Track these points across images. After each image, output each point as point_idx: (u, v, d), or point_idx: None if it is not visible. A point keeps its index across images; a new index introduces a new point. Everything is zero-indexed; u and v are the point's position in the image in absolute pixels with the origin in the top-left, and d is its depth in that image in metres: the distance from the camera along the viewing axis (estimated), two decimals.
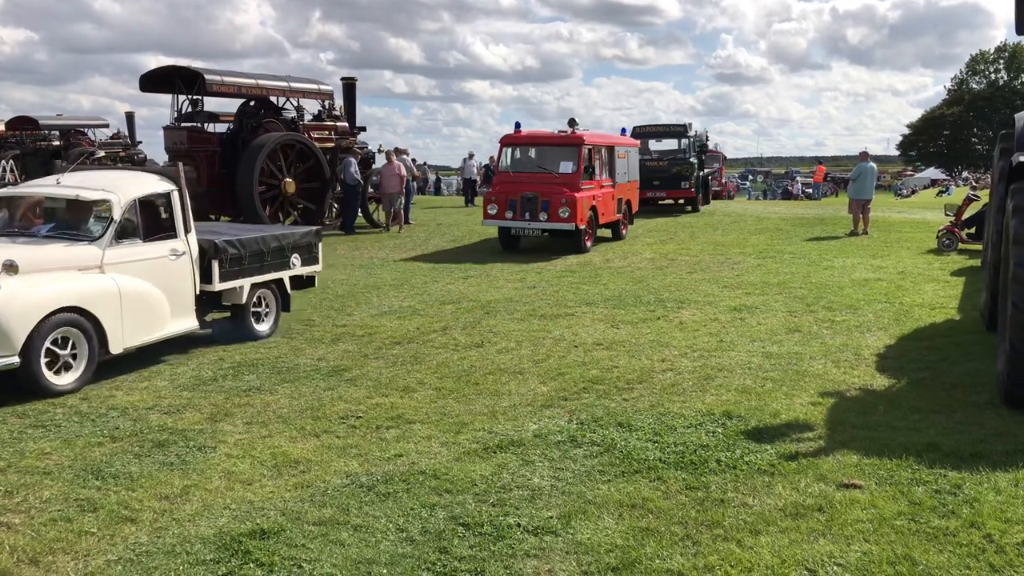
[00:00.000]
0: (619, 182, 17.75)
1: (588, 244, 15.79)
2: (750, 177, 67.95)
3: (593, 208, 15.89)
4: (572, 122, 16.32)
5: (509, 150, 16.57)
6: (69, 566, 3.87)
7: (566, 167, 15.51)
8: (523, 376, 7.09)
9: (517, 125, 16.93)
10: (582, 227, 15.32)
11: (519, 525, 4.22)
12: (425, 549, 4.00)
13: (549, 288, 11.72)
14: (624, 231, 18.23)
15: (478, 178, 29.82)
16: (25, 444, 5.46)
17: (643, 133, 25.11)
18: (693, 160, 24.65)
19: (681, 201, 25.09)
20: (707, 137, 40.32)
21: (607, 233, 17.69)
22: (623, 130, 20.36)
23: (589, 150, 15.91)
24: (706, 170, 28.87)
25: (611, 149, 17.32)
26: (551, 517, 4.32)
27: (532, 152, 16.59)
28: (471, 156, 30.47)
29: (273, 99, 19.43)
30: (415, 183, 24.15)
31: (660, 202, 25.13)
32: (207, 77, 17.70)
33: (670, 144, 25.94)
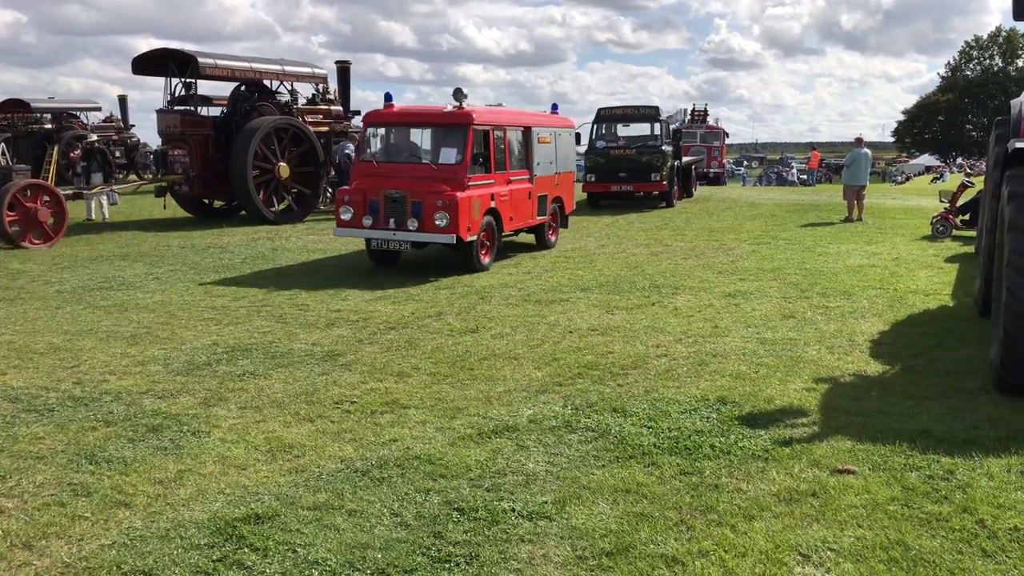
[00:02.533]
0: (541, 174, 13.74)
1: (486, 260, 11.96)
2: (745, 163, 67.90)
3: (493, 212, 12.04)
4: (458, 93, 11.92)
5: (375, 132, 12.54)
6: (63, 551, 3.87)
7: (448, 155, 11.58)
8: (518, 361, 7.09)
9: (387, 97, 12.80)
10: (471, 238, 11.42)
11: (513, 510, 4.23)
12: (420, 534, 4.00)
13: (544, 274, 11.71)
14: (552, 237, 14.53)
15: None
16: (18, 429, 5.44)
17: (608, 116, 22.74)
18: (666, 148, 21.67)
19: (655, 194, 22.01)
20: (707, 111, 39.07)
21: (530, 239, 14.50)
22: (554, 107, 15.88)
23: (484, 132, 12.02)
24: (687, 158, 25.98)
25: (526, 131, 13.32)
26: (545, 502, 4.32)
27: (405, 135, 12.62)
28: None
29: (267, 83, 19.33)
30: None
31: (630, 196, 22.13)
32: (200, 60, 17.59)
33: (642, 129, 22.87)
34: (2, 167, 15.74)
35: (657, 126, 22.08)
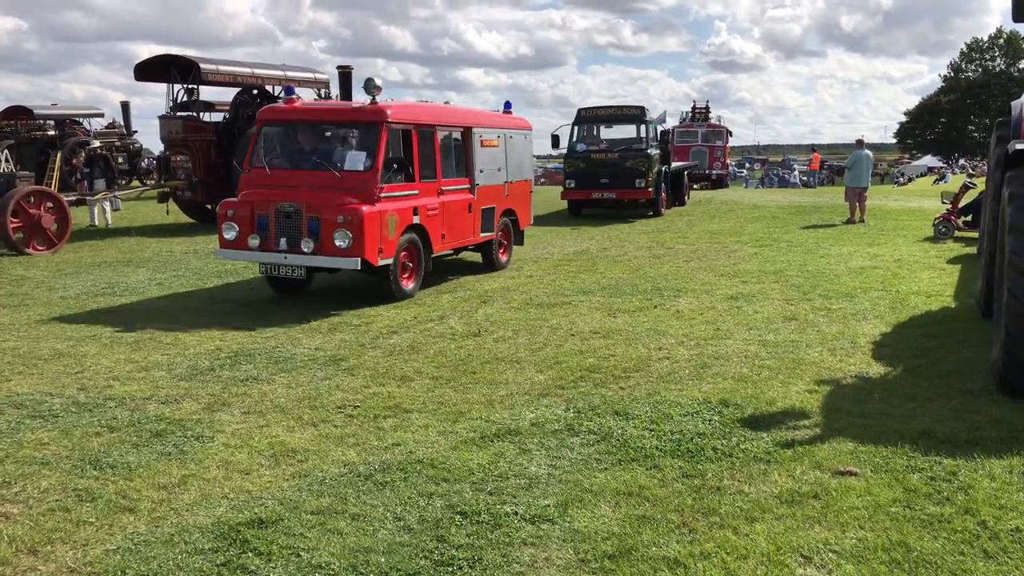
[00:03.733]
0: (486, 183, 11.79)
1: (408, 286, 10.08)
2: (747, 165, 67.89)
3: (417, 229, 10.10)
4: (370, 85, 9.80)
5: (270, 132, 10.31)
6: (68, 556, 3.88)
7: (355, 160, 9.58)
8: (520, 365, 7.10)
9: (288, 91, 11.03)
10: (385, 261, 9.49)
11: (516, 513, 4.24)
12: (423, 538, 4.01)
13: (546, 277, 11.72)
14: (503, 257, 12.66)
15: None
16: (23, 434, 5.46)
17: (589, 117, 21.13)
18: (652, 152, 20.10)
19: (642, 202, 20.50)
20: (709, 108, 36.54)
21: (476, 257, 12.69)
22: (507, 105, 13.55)
23: (403, 133, 10.04)
24: (678, 163, 24.80)
25: (466, 133, 11.35)
26: (548, 505, 4.33)
27: (307, 136, 10.33)
28: None
29: (269, 88, 19.38)
30: None
31: (615, 204, 20.70)
32: (202, 66, 17.64)
33: (627, 132, 20.95)
34: (5, 174, 15.79)
35: (642, 128, 20.44)
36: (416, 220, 10.06)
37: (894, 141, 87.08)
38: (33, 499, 4.49)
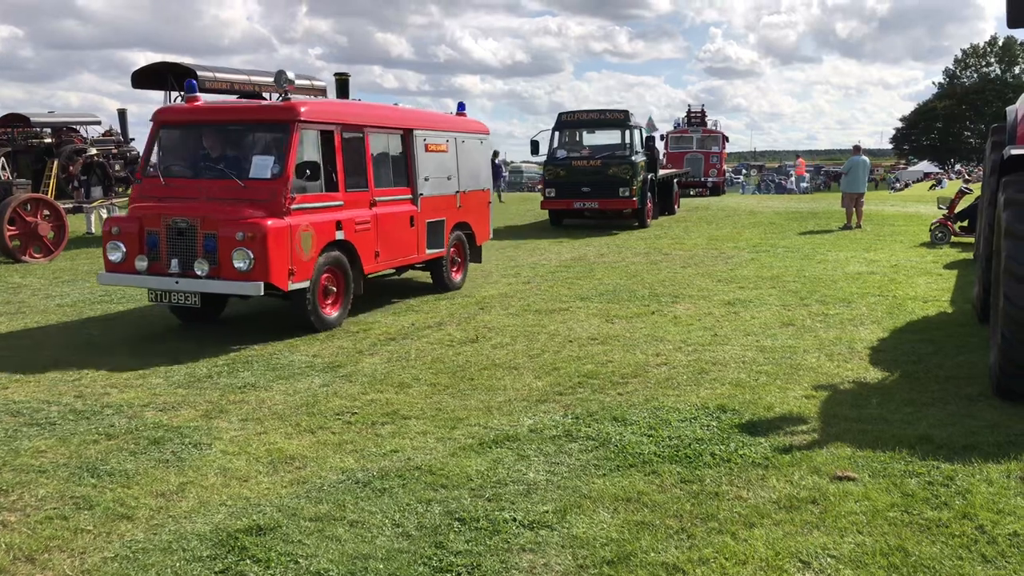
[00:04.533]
0: (433, 193, 10.55)
1: (332, 313, 8.80)
2: (744, 172, 67.98)
3: (343, 246, 8.82)
4: (281, 78, 8.79)
5: (168, 136, 9.01)
6: (65, 564, 3.88)
7: (261, 167, 8.21)
8: (518, 371, 7.10)
9: (188, 87, 9.41)
10: (298, 285, 8.16)
11: (515, 519, 4.24)
12: (421, 544, 4.01)
13: (543, 283, 11.73)
14: (457, 276, 11.41)
15: None
16: (20, 442, 5.45)
17: (570, 122, 20.11)
18: (637, 159, 19.04)
19: (627, 212, 19.29)
20: (704, 112, 35.48)
21: (422, 276, 11.69)
22: (460, 106, 12.37)
23: (323, 134, 8.68)
24: (667, 171, 23.95)
25: (407, 135, 10.12)
26: (546, 511, 4.33)
27: (210, 139, 8.84)
28: None
29: (266, 95, 19.38)
30: None
31: (599, 214, 19.63)
32: (200, 73, 17.63)
33: (611, 137, 19.90)
34: (2, 181, 15.79)
35: (627, 133, 19.37)
36: (340, 236, 8.73)
37: (890, 147, 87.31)
38: (31, 507, 4.48)
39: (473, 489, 4.64)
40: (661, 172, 22.24)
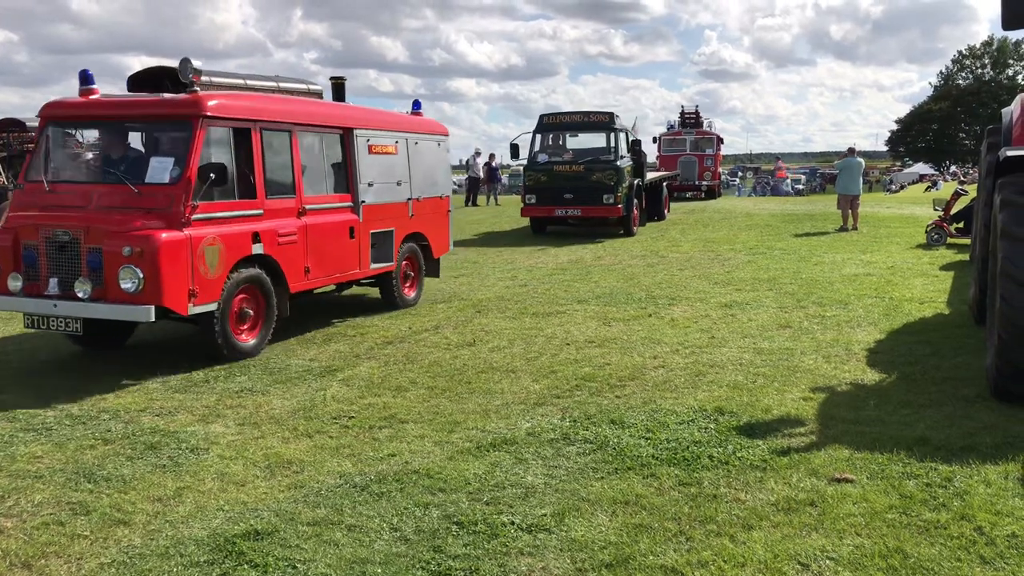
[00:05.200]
0: (378, 201, 9.51)
1: (249, 340, 7.73)
2: (739, 174, 68.10)
3: (260, 260, 7.73)
4: (185, 67, 7.68)
5: (56, 135, 7.93)
6: (62, 570, 3.86)
7: (158, 170, 7.22)
8: (515, 374, 7.09)
9: (84, 78, 8.03)
10: (201, 308, 7.09)
11: (513, 523, 4.23)
12: (419, 548, 4.00)
13: (540, 286, 11.73)
14: (410, 292, 10.42)
15: (482, 175, 29.42)
16: (16, 448, 5.43)
17: (552, 125, 19.05)
18: (622, 163, 18.04)
19: (613, 220, 18.20)
20: (699, 113, 34.12)
21: (370, 292, 10.78)
22: (416, 104, 11.33)
23: (238, 133, 7.65)
24: (655, 174, 23.27)
25: (346, 135, 9.14)
26: (545, 515, 4.32)
27: (104, 138, 8.11)
28: (478, 154, 29.75)
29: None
30: None
31: (583, 222, 18.47)
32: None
33: (595, 141, 19.00)
34: None
35: (611, 136, 18.37)
36: (258, 250, 7.65)
37: (885, 149, 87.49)
38: (27, 513, 4.46)
39: (471, 493, 4.63)
40: (649, 175, 21.65)
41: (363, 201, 9.28)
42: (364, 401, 6.40)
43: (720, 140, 33.57)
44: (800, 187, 46.60)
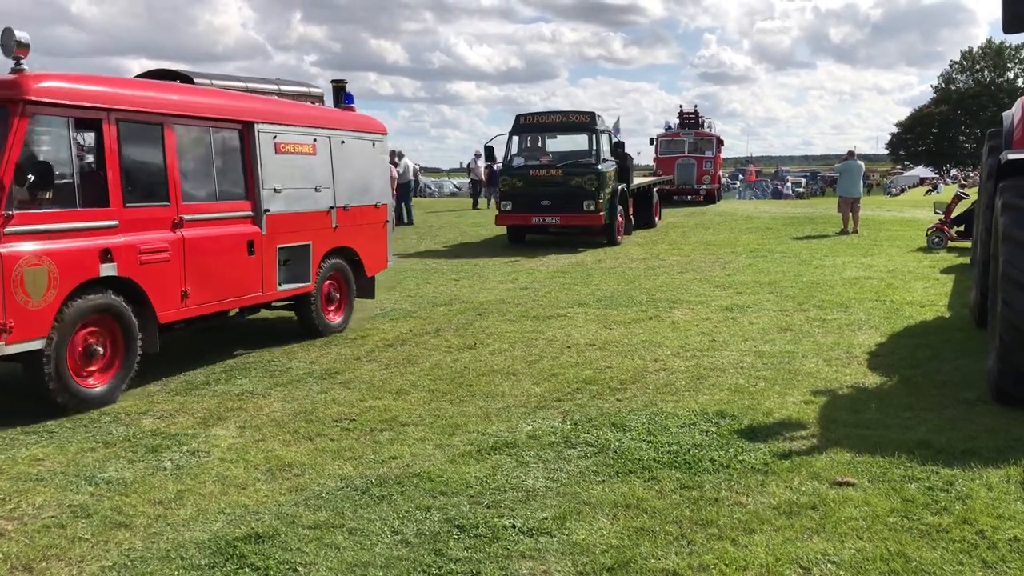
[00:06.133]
0: (288, 210, 8.09)
1: (99, 385, 6.33)
2: (740, 177, 68.14)
3: (116, 283, 6.38)
4: (8, 38, 6.03)
5: None
6: (63, 572, 3.86)
7: None
8: (516, 377, 7.09)
9: None
10: (27, 345, 5.75)
11: (514, 526, 4.23)
12: (420, 551, 4.00)
13: (541, 289, 11.73)
14: (335, 317, 8.94)
15: (483, 178, 29.31)
16: (17, 450, 5.43)
17: (529, 126, 17.65)
18: (604, 167, 16.71)
19: (597, 228, 16.96)
20: (698, 113, 32.48)
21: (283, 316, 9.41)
22: (346, 96, 9.98)
23: (75, 122, 6.19)
24: (645, 179, 21.85)
25: (245, 130, 7.77)
26: (546, 518, 4.32)
27: None
28: (478, 156, 29.62)
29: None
30: (416, 185, 23.79)
31: (564, 231, 17.54)
32: (196, 80, 17.63)
33: (578, 143, 17.71)
34: None
35: (593, 138, 17.05)
36: (110, 270, 6.27)
37: (886, 152, 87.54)
38: (28, 515, 4.46)
39: (472, 496, 4.63)
40: (638, 180, 20.47)
41: (267, 210, 7.82)
42: (365, 404, 6.40)
43: (720, 141, 32.17)
44: (800, 190, 46.62)
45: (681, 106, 33.89)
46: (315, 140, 8.56)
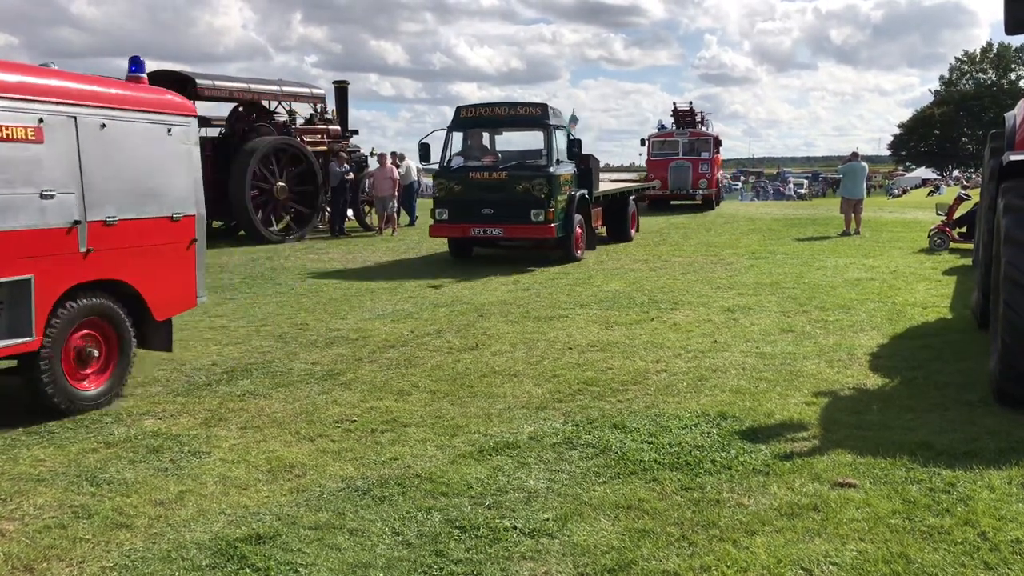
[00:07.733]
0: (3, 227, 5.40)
1: None
2: (742, 178, 68.14)
3: None
4: None
5: None
6: (64, 573, 3.86)
7: None
8: (518, 378, 7.09)
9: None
10: None
11: (515, 527, 4.22)
12: (421, 552, 3.99)
13: (543, 290, 11.72)
14: (91, 385, 6.23)
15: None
16: (18, 451, 5.43)
17: (471, 120, 14.84)
18: (559, 170, 14.02)
19: (550, 242, 14.34)
20: (694, 110, 29.68)
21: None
22: (134, 64, 6.99)
23: None
24: (620, 183, 19.51)
25: None
26: (547, 519, 4.31)
27: None
28: None
29: (265, 103, 19.42)
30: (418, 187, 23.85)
31: (514, 245, 15.38)
32: (198, 82, 17.66)
33: (527, 141, 15.10)
34: None
35: (547, 135, 14.15)
36: None
37: (888, 153, 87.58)
38: (29, 516, 4.46)
39: (473, 497, 4.62)
40: (607, 186, 17.76)
41: None
42: (366, 405, 6.40)
43: (718, 141, 28.86)
44: (802, 191, 46.62)
45: (675, 102, 30.24)
46: (41, 120, 5.73)
